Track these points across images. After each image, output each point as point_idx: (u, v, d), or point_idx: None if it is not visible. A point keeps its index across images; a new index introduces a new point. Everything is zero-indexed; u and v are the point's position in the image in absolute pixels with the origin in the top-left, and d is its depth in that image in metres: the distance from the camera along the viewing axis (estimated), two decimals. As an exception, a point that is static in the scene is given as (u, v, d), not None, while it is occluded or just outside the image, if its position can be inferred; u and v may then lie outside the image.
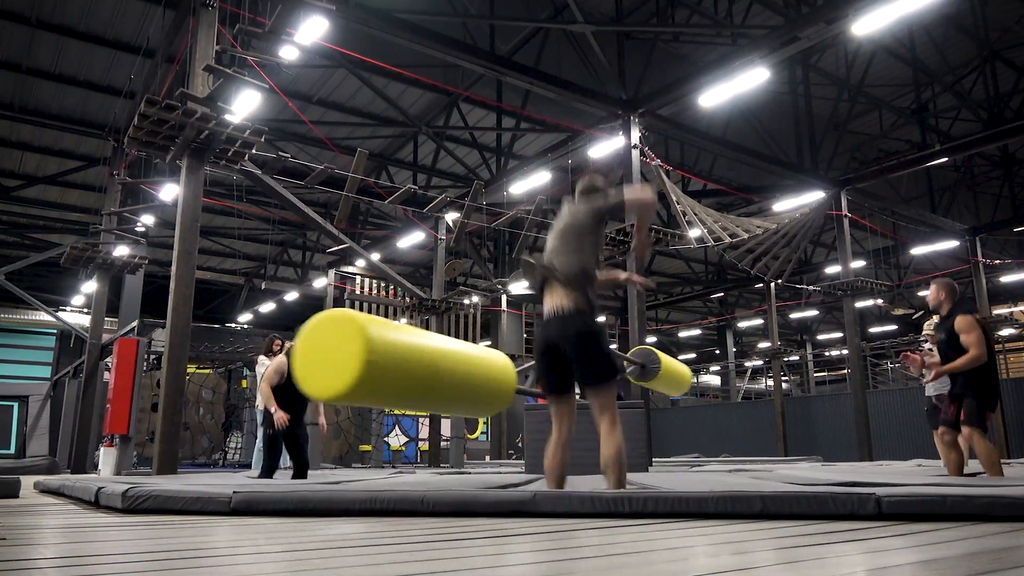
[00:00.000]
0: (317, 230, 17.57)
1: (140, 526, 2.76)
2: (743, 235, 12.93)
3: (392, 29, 10.11)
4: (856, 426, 14.73)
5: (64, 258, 12.41)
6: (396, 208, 13.72)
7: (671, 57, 14.58)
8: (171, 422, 7.44)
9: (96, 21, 12.07)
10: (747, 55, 10.97)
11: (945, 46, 14.82)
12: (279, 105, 13.25)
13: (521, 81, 11.68)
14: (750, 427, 20.30)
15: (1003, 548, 1.93)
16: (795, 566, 1.70)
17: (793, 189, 15.59)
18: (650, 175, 12.35)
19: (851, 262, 15.57)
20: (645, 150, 12.15)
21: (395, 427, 20.00)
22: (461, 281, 23.23)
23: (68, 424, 13.91)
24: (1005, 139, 14.29)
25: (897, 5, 9.43)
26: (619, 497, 2.88)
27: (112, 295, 14.03)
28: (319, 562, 1.91)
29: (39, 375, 22.57)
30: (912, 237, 19.02)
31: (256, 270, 24.15)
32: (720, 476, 5.51)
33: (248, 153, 8.60)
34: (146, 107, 7.49)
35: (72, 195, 18.11)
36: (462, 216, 12.67)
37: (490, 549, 2.11)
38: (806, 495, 2.75)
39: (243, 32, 7.68)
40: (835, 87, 15.51)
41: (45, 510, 3.61)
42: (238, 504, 3.16)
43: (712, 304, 28.75)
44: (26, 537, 2.43)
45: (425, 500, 3.05)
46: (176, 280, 7.73)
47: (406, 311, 15.59)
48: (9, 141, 15.50)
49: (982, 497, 2.57)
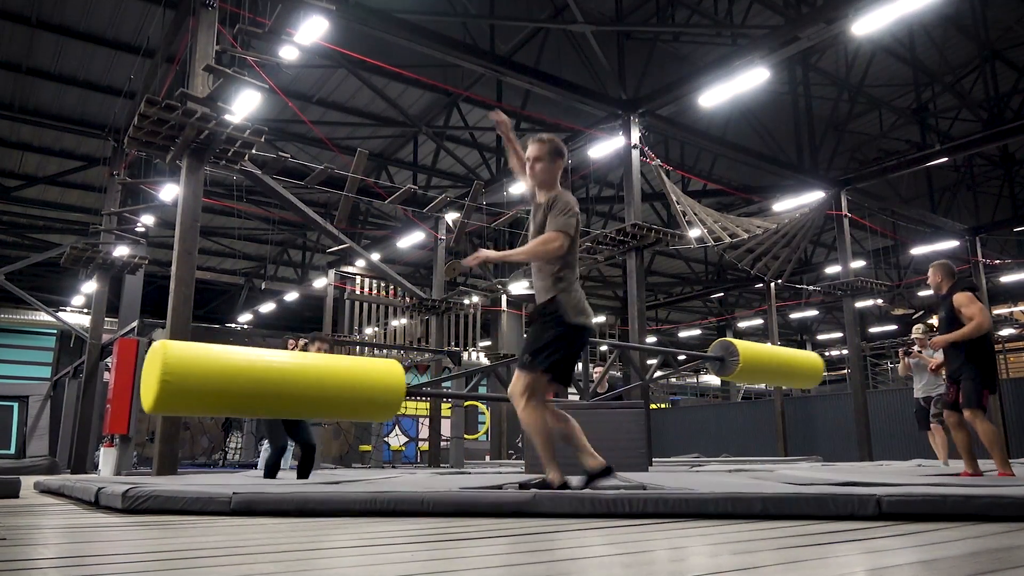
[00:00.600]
0: (317, 230, 17.58)
1: (140, 526, 2.76)
2: (743, 235, 12.93)
3: (392, 29, 10.11)
4: (856, 426, 14.73)
5: (64, 258, 12.41)
6: (396, 208, 13.73)
7: (671, 57, 14.57)
8: (171, 422, 7.45)
9: (96, 21, 12.07)
10: (747, 55, 10.98)
11: (945, 46, 14.81)
12: (279, 105, 13.25)
13: (521, 81, 11.69)
14: (750, 427, 20.30)
15: (1003, 548, 1.93)
16: (795, 566, 1.70)
17: (793, 189, 15.59)
18: (650, 175, 12.35)
19: (851, 262, 15.57)
20: (645, 150, 12.15)
21: (395, 427, 20.01)
22: (461, 281, 23.24)
23: (68, 424, 13.91)
24: (1005, 139, 14.29)
25: (897, 5, 9.43)
26: (619, 498, 2.88)
27: (112, 295, 14.02)
28: (319, 562, 1.91)
29: (39, 375, 22.58)
30: (912, 237, 19.02)
31: (256, 270, 24.15)
32: (720, 476, 5.50)
33: (248, 153, 8.60)
34: (146, 107, 7.49)
35: (72, 195, 18.11)
36: (462, 216, 12.67)
37: (490, 549, 2.11)
38: (806, 496, 2.75)
39: (243, 32, 7.68)
40: (835, 87, 15.50)
41: (45, 510, 3.61)
42: (238, 504, 3.16)
43: (712, 304, 28.74)
44: (26, 537, 2.43)
45: (425, 500, 3.05)
46: (176, 280, 7.73)
47: (406, 311, 15.60)
48: (9, 141, 15.50)
49: (982, 497, 2.57)
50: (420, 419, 19.59)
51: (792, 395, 19.89)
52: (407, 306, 15.18)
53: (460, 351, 15.25)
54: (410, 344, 15.80)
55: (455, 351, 14.92)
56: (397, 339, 16.23)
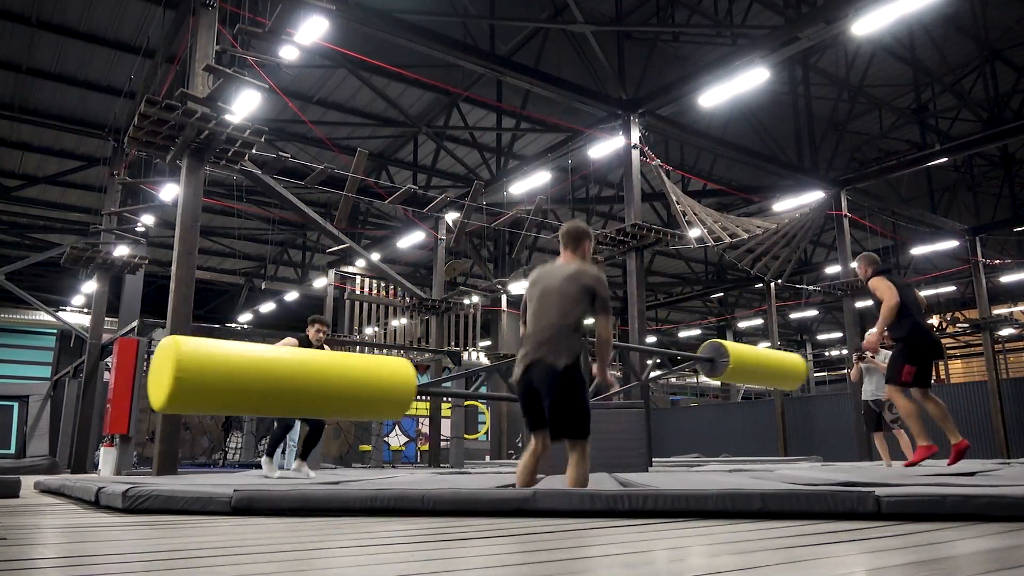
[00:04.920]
0: (317, 230, 17.58)
1: (140, 526, 2.76)
2: (743, 235, 12.93)
3: (392, 29, 10.11)
4: (856, 426, 14.72)
5: (64, 258, 12.41)
6: (396, 208, 13.72)
7: (671, 57, 14.58)
8: (171, 422, 7.45)
9: (96, 21, 12.07)
10: (747, 55, 10.98)
11: (945, 46, 14.81)
12: (279, 105, 13.25)
13: (521, 81, 11.69)
14: (750, 427, 20.30)
15: (1003, 548, 1.93)
16: (795, 566, 1.70)
17: (793, 189, 15.59)
18: (650, 175, 12.35)
19: (851, 262, 15.56)
20: (645, 150, 12.15)
21: (395, 427, 20.00)
22: (461, 281, 23.23)
23: (68, 424, 13.90)
24: (1005, 139, 14.30)
25: (897, 5, 9.44)
26: (619, 495, 2.88)
27: (112, 295, 14.02)
28: (319, 562, 1.91)
29: (39, 375, 22.56)
30: (912, 237, 19.02)
31: (256, 270, 24.15)
32: (720, 476, 5.51)
33: (248, 153, 8.60)
34: (146, 107, 7.49)
35: (72, 195, 18.11)
36: (462, 216, 12.66)
37: (490, 549, 2.11)
38: (805, 492, 2.75)
39: (243, 32, 7.68)
40: (835, 87, 15.50)
41: (45, 510, 3.61)
42: (238, 504, 3.16)
43: (712, 304, 28.73)
44: (26, 537, 2.43)
45: (425, 499, 3.05)
46: (176, 280, 7.73)
47: (406, 311, 15.60)
48: (9, 141, 15.50)
49: (982, 497, 2.57)
50: (420, 419, 19.58)
51: (792, 395, 19.88)
52: (407, 306, 15.18)
53: (460, 351, 15.25)
54: (410, 344, 15.81)
55: (455, 351, 14.92)
56: (397, 339, 16.23)
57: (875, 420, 8.59)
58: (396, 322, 16.83)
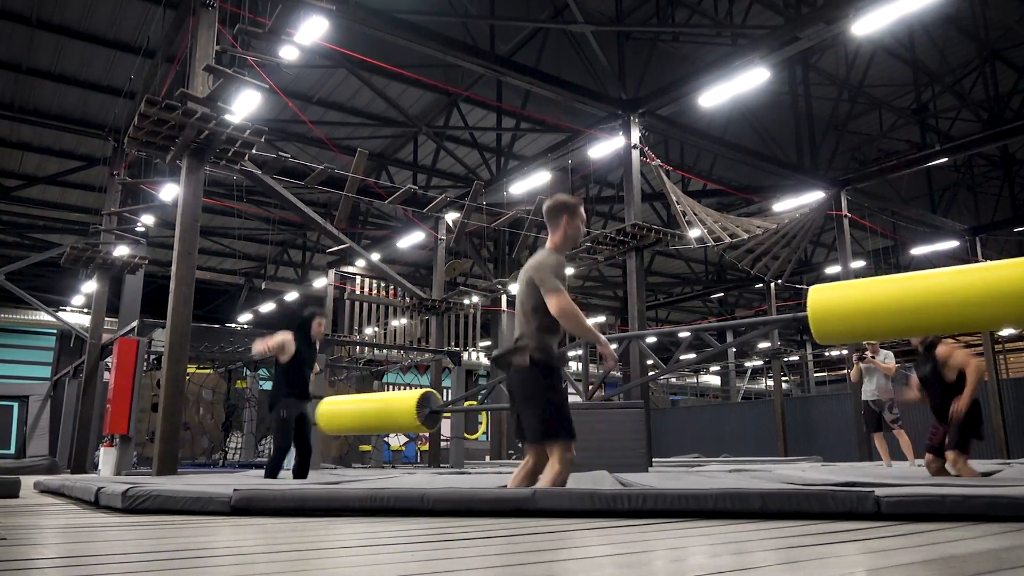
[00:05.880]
0: (317, 230, 17.57)
1: (140, 526, 2.76)
2: (743, 235, 12.93)
3: (392, 29, 10.11)
4: (856, 426, 14.72)
5: (64, 258, 12.41)
6: (396, 208, 13.73)
7: (671, 57, 14.57)
8: (171, 422, 7.45)
9: (96, 21, 12.06)
10: (747, 55, 10.98)
11: (945, 46, 14.81)
12: (279, 105, 13.25)
13: (521, 81, 11.69)
14: (750, 427, 20.30)
15: (1003, 548, 1.93)
16: (795, 566, 1.70)
17: (793, 189, 15.59)
18: (650, 175, 12.36)
19: (851, 262, 15.57)
20: (645, 150, 12.15)
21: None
22: (461, 281, 23.23)
23: (68, 424, 13.90)
24: (1005, 139, 14.28)
25: (897, 5, 9.44)
26: (619, 494, 2.88)
27: (112, 295, 14.02)
28: (319, 562, 1.91)
29: (39, 375, 22.56)
30: (912, 237, 19.02)
31: (256, 270, 24.15)
32: (719, 476, 5.51)
33: (248, 153, 8.60)
34: (146, 107, 7.49)
35: (72, 195, 18.11)
36: (462, 216, 12.67)
37: (489, 549, 2.11)
38: (805, 492, 2.75)
39: (243, 32, 7.68)
40: (835, 87, 15.50)
41: (45, 510, 3.61)
42: (238, 504, 3.16)
43: (712, 304, 28.74)
44: (26, 537, 2.43)
45: (425, 499, 3.05)
46: (176, 280, 7.73)
47: (406, 311, 15.60)
48: (9, 141, 15.49)
49: (982, 497, 2.57)
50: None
51: (792, 395, 19.88)
52: (407, 306, 15.17)
53: (460, 351, 15.25)
54: (410, 344, 15.80)
55: (455, 351, 14.92)
56: (397, 339, 16.23)
57: (875, 420, 8.62)
58: (396, 322, 16.83)
